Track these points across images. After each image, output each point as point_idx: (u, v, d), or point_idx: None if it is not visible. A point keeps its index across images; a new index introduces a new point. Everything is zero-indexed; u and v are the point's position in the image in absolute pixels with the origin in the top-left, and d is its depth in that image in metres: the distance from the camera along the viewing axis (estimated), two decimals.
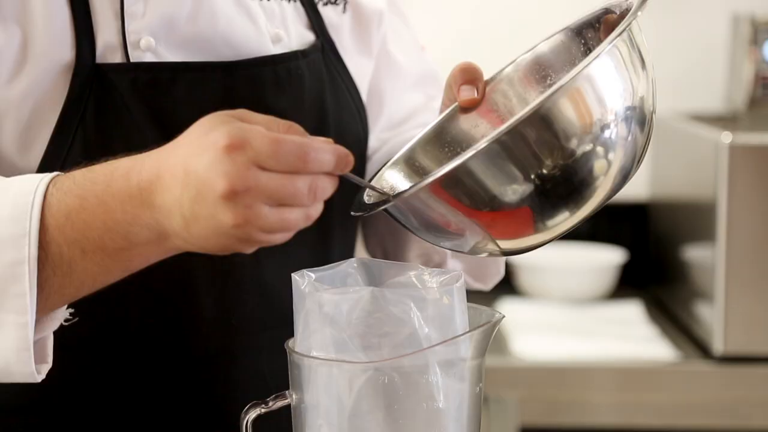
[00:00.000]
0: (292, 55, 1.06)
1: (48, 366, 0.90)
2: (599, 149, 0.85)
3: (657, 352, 2.06)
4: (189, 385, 1.02)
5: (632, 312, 2.27)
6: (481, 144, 0.83)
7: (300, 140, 0.82)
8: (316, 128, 1.07)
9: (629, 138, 0.87)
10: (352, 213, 0.93)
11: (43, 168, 0.96)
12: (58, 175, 0.88)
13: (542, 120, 0.83)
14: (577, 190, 0.86)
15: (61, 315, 0.91)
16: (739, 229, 1.98)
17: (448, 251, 1.13)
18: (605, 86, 0.85)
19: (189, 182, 0.81)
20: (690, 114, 2.35)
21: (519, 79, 0.99)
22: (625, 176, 0.89)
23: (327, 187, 0.83)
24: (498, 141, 0.82)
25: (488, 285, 1.19)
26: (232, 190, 0.80)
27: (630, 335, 2.13)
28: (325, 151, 0.82)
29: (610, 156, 0.86)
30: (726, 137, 1.98)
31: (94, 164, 0.88)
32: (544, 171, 0.84)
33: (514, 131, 0.83)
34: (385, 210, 0.90)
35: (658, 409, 2.01)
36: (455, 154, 0.98)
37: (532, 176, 0.84)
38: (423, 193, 0.85)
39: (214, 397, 1.03)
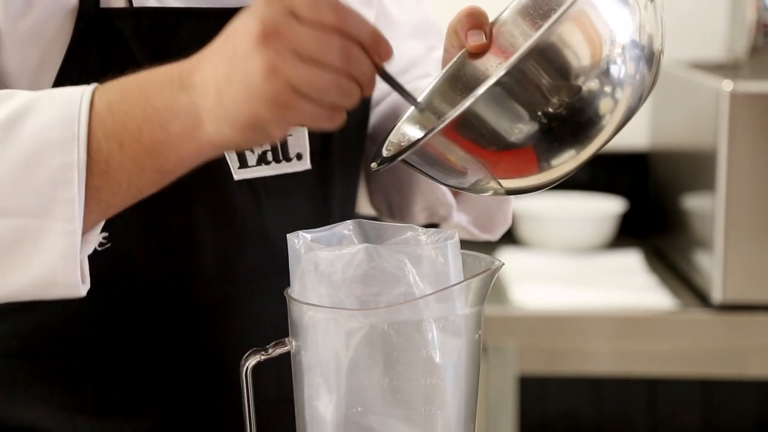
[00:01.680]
0: None
1: (87, 286, 0.89)
2: (601, 84, 0.84)
3: (656, 301, 2.06)
4: (189, 332, 1.03)
5: (631, 261, 2.27)
6: (487, 84, 0.81)
7: (339, 1, 0.81)
8: None
9: (636, 75, 0.85)
10: (374, 169, 0.92)
11: None
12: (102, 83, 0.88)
13: (542, 55, 0.82)
14: (582, 127, 0.85)
15: (95, 239, 0.90)
16: (740, 178, 1.98)
17: (454, 204, 1.13)
18: (606, 17, 0.83)
19: (226, 45, 0.82)
20: (691, 62, 2.34)
21: (523, 16, 0.98)
22: (629, 115, 0.88)
23: (363, 62, 0.82)
24: (502, 78, 0.81)
25: (495, 235, 1.19)
26: (264, 32, 0.79)
27: (629, 284, 2.14)
28: (365, 20, 0.82)
29: (609, 89, 0.84)
30: (727, 85, 1.97)
31: None
32: (550, 109, 0.83)
33: (515, 68, 0.81)
34: (403, 160, 0.89)
35: (656, 357, 2.02)
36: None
37: (539, 114, 0.83)
38: (437, 139, 0.84)
39: (215, 345, 1.03)
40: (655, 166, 2.42)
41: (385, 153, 0.94)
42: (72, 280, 0.87)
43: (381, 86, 1.18)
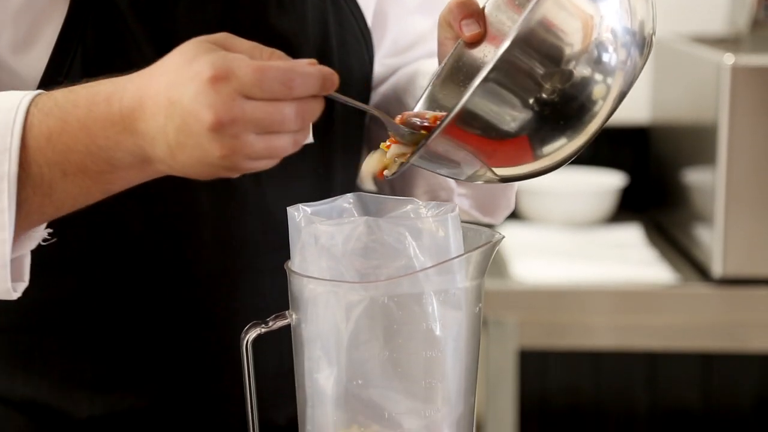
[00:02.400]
0: None
1: (24, 284, 0.90)
2: (592, 68, 0.83)
3: (656, 275, 2.06)
4: (189, 306, 1.03)
5: (632, 235, 2.27)
6: (477, 80, 0.81)
7: (284, 66, 0.81)
8: (318, 49, 1.06)
9: (627, 61, 0.85)
10: (387, 177, 0.92)
11: (43, 84, 0.96)
12: (39, 93, 0.87)
13: (527, 42, 0.81)
14: (575, 113, 0.85)
15: (39, 234, 0.90)
16: (740, 152, 1.98)
17: (455, 188, 1.13)
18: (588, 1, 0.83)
19: (174, 112, 0.81)
20: (692, 36, 2.34)
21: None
22: (621, 99, 0.87)
23: (314, 110, 0.82)
24: (491, 74, 0.81)
25: (498, 219, 1.19)
26: (218, 122, 0.79)
27: (629, 258, 2.14)
28: (310, 75, 0.81)
29: (600, 74, 0.84)
30: (728, 59, 1.96)
31: (74, 85, 0.87)
32: (543, 95, 0.83)
33: (503, 60, 0.81)
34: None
35: (656, 331, 2.03)
36: None
37: (532, 102, 0.83)
38: (437, 141, 0.84)
39: (215, 319, 1.03)
40: (655, 140, 2.41)
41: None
42: (2, 287, 0.88)
43: (384, 61, 1.18)
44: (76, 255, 0.99)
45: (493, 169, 0.87)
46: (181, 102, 0.80)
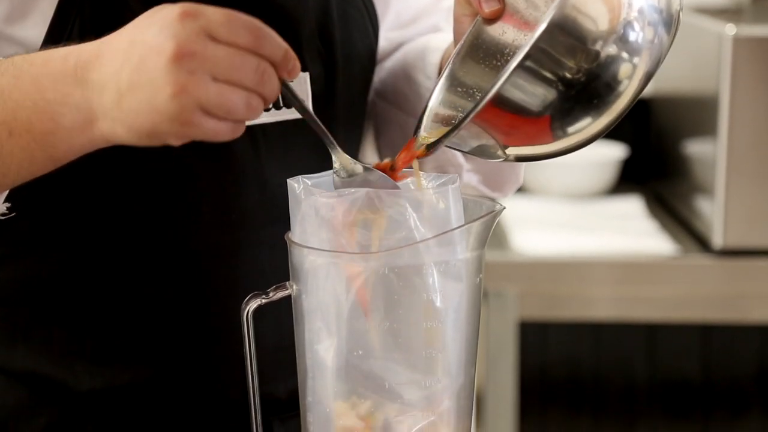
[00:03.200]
0: None
1: None
2: (619, 48, 0.83)
3: (657, 247, 2.06)
4: (188, 279, 1.02)
5: (632, 207, 2.27)
6: (513, 63, 0.81)
7: (254, 19, 0.81)
8: (319, 21, 1.05)
9: (654, 39, 0.84)
10: (424, 154, 0.91)
11: None
12: (1, 60, 0.87)
13: (560, 28, 0.81)
14: (601, 94, 0.84)
15: None
16: (741, 123, 1.98)
17: (464, 164, 1.12)
18: None
19: (133, 52, 0.80)
20: (694, 6, 2.33)
21: None
22: (648, 80, 0.87)
23: (273, 81, 0.82)
24: (524, 61, 0.81)
25: (506, 193, 1.18)
26: (179, 52, 0.78)
27: (630, 230, 2.14)
28: (277, 38, 0.81)
29: (627, 54, 0.84)
30: (730, 29, 1.96)
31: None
32: (568, 74, 0.83)
33: (535, 47, 0.81)
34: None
35: (657, 302, 2.03)
36: (493, 67, 0.97)
37: (558, 83, 0.83)
38: (471, 125, 0.85)
39: (214, 292, 1.03)
40: (656, 111, 2.41)
41: (423, 133, 0.94)
42: None
43: (388, 35, 1.17)
44: (75, 228, 0.99)
45: (514, 148, 0.87)
46: (143, 39, 0.80)
